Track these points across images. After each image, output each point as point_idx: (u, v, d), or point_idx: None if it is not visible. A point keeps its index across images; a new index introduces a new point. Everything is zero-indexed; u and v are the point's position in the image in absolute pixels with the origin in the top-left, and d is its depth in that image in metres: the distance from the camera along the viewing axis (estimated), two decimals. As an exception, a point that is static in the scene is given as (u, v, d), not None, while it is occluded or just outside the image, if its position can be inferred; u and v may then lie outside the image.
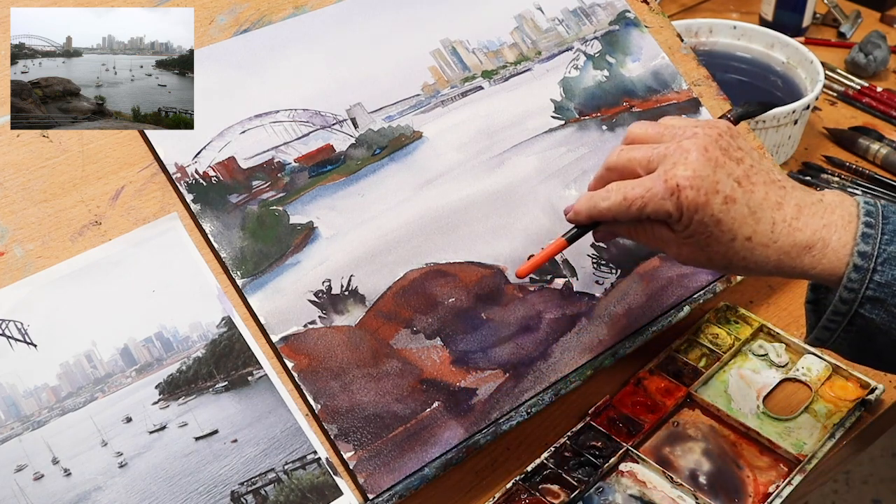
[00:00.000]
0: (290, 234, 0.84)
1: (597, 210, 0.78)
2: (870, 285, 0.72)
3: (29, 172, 0.79)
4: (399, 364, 0.82)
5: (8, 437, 0.71)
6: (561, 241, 0.81)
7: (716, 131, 0.76)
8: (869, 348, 0.75)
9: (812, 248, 0.73)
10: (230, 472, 0.75)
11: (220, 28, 0.90)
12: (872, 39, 1.43)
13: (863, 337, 0.74)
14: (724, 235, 0.73)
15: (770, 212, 0.74)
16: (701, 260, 0.76)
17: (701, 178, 0.73)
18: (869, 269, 0.71)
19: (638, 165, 0.76)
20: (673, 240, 0.76)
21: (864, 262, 0.72)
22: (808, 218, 0.74)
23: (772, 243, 0.73)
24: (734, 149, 0.75)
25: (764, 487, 0.84)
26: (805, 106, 1.19)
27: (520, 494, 0.83)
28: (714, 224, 0.73)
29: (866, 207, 0.74)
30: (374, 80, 0.93)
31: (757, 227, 0.73)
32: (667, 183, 0.73)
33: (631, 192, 0.75)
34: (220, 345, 0.78)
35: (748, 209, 0.73)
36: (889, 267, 0.71)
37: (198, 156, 0.84)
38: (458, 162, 0.93)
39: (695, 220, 0.73)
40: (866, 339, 0.74)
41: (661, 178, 0.74)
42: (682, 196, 0.73)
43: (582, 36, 1.05)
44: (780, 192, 0.75)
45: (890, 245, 0.72)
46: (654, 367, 0.94)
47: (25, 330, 0.74)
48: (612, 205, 0.76)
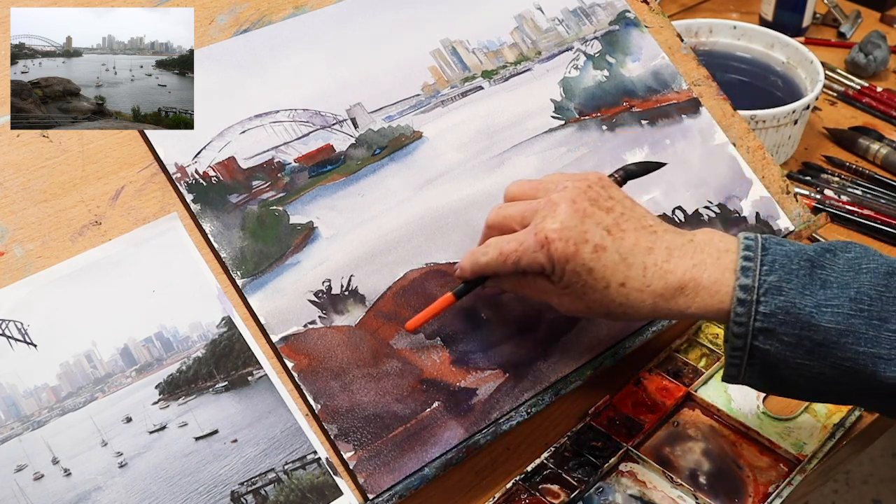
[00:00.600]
0: (290, 234, 0.84)
1: (478, 265, 0.80)
2: (756, 317, 0.73)
3: (29, 172, 0.79)
4: (399, 364, 0.82)
5: (8, 437, 0.71)
6: (449, 296, 0.82)
7: (585, 183, 0.78)
8: (777, 379, 0.75)
9: (684, 289, 0.75)
10: (230, 472, 0.75)
11: (220, 28, 0.90)
12: (872, 39, 1.43)
13: (767, 369, 0.75)
14: (597, 283, 0.76)
15: (641, 257, 0.76)
16: (581, 309, 0.78)
17: (569, 229, 0.75)
18: (752, 301, 0.73)
19: (513, 221, 0.80)
20: (553, 291, 0.78)
21: (747, 294, 0.73)
22: (678, 259, 0.76)
23: (645, 287, 0.75)
24: (604, 199, 0.78)
25: (764, 487, 0.84)
26: (805, 106, 1.19)
27: (520, 494, 0.83)
28: (586, 273, 0.75)
29: (745, 241, 0.76)
30: (374, 80, 0.93)
31: (629, 273, 0.75)
32: (537, 236, 0.76)
33: (506, 247, 0.78)
34: (220, 345, 0.78)
35: (619, 256, 0.76)
36: (772, 297, 0.73)
37: (198, 156, 0.84)
38: (458, 162, 0.93)
39: (567, 270, 0.76)
40: (771, 371, 0.75)
41: (532, 232, 0.77)
42: (552, 248, 0.75)
43: (582, 36, 1.05)
44: (651, 237, 0.77)
45: (770, 275, 0.73)
46: (654, 367, 0.94)
47: (25, 330, 0.74)
48: (490, 260, 0.79)
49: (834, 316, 0.71)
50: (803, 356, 0.73)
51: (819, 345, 0.72)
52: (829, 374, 0.73)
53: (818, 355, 0.72)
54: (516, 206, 0.80)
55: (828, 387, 0.74)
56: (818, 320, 0.71)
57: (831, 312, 0.71)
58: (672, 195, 0.99)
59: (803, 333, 0.72)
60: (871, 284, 0.72)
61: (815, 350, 0.72)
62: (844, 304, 0.71)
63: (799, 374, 0.74)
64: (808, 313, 0.72)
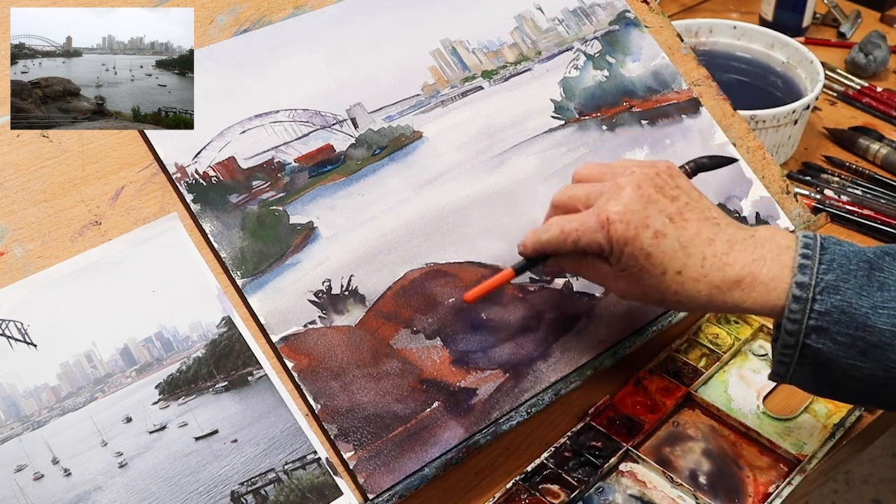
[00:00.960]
0: (290, 234, 0.84)
1: (539, 242, 0.81)
2: (811, 315, 0.73)
3: (29, 172, 0.79)
4: (399, 364, 0.82)
5: (8, 437, 0.71)
6: (509, 271, 0.83)
7: (653, 170, 0.79)
8: (828, 380, 0.75)
9: (741, 283, 0.75)
10: (230, 472, 0.75)
11: (220, 28, 0.90)
12: (872, 39, 1.43)
13: (818, 368, 0.74)
14: (654, 269, 0.76)
15: (701, 247, 0.76)
16: (636, 293, 0.79)
17: (631, 213, 0.76)
18: (808, 299, 0.73)
19: (578, 202, 0.80)
20: (611, 273, 0.79)
21: (803, 292, 0.73)
22: (738, 253, 0.76)
23: (702, 277, 0.76)
24: (670, 187, 0.78)
25: (764, 487, 0.84)
26: (805, 106, 1.19)
27: (520, 494, 0.83)
28: (644, 257, 0.76)
29: (804, 240, 0.75)
30: (374, 80, 0.93)
31: (687, 262, 0.76)
32: (598, 217, 0.77)
33: (567, 226, 0.78)
34: (220, 345, 0.78)
35: (679, 244, 0.76)
36: (828, 295, 0.72)
37: (198, 156, 0.84)
38: (458, 162, 0.93)
39: (625, 253, 0.76)
40: (822, 371, 0.74)
41: (594, 213, 0.77)
42: (612, 229, 0.76)
43: (582, 36, 1.05)
44: (714, 228, 0.77)
45: (827, 274, 0.73)
46: (654, 367, 0.94)
47: (25, 330, 0.74)
48: (551, 237, 0.79)
49: (890, 318, 0.71)
50: (856, 357, 0.72)
51: (873, 346, 0.71)
52: (881, 377, 0.72)
53: (872, 357, 0.72)
54: (582, 188, 0.80)
55: (878, 389, 0.74)
56: (874, 321, 0.71)
57: (888, 314, 0.71)
58: (672, 195, 0.98)
59: (858, 334, 0.72)
60: None
61: (868, 351, 0.72)
62: None
63: (850, 375, 0.73)
64: (864, 314, 0.71)
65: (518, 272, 0.83)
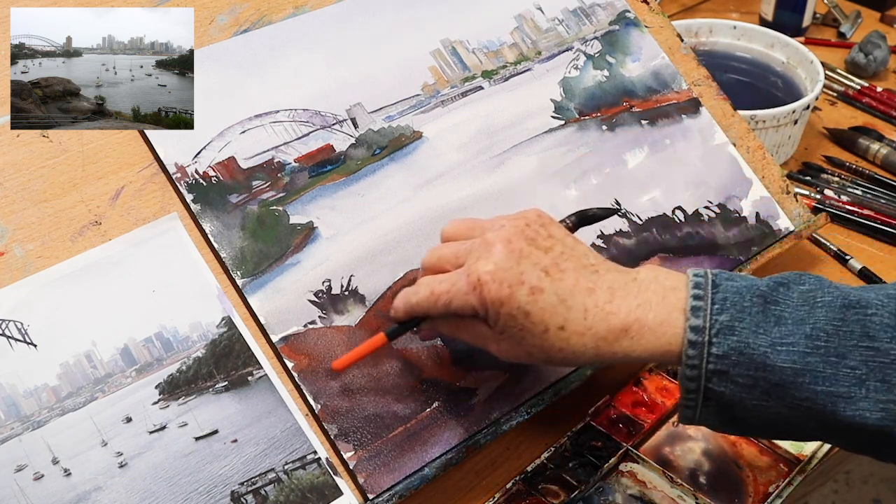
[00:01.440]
0: (290, 234, 0.84)
1: (409, 305, 0.77)
2: (709, 359, 0.69)
3: (29, 172, 0.79)
4: (399, 364, 0.82)
5: (8, 437, 0.71)
6: (381, 336, 0.78)
7: (523, 221, 0.75)
8: (736, 420, 0.72)
9: (628, 331, 0.71)
10: (230, 472, 0.75)
11: (220, 28, 0.90)
12: (872, 39, 1.43)
13: (724, 409, 0.71)
14: (535, 327, 0.72)
15: (581, 298, 0.72)
16: (521, 354, 0.74)
17: (503, 271, 0.72)
18: (704, 343, 0.69)
19: (447, 262, 0.76)
20: (491, 336, 0.74)
21: (698, 336, 0.69)
22: (620, 300, 0.72)
23: (586, 331, 0.71)
24: (543, 237, 0.74)
25: (764, 487, 0.84)
26: (805, 106, 1.19)
27: (520, 494, 0.83)
28: (523, 316, 0.72)
29: (695, 279, 0.72)
30: (374, 80, 0.93)
31: (569, 316, 0.71)
32: (469, 278, 0.73)
33: (438, 287, 0.74)
34: (220, 345, 0.78)
35: (557, 298, 0.72)
36: (724, 337, 0.69)
37: (198, 156, 0.84)
38: (458, 162, 0.93)
39: (502, 314, 0.72)
40: (728, 412, 0.70)
41: (464, 273, 0.73)
42: (485, 290, 0.72)
43: (582, 36, 1.05)
44: (593, 276, 0.73)
45: (721, 314, 0.69)
46: (654, 366, 0.94)
47: (25, 330, 0.74)
48: (420, 299, 0.75)
49: (789, 355, 0.68)
50: (759, 397, 0.69)
51: (775, 385, 0.68)
52: (787, 414, 0.69)
53: (775, 396, 0.68)
54: (450, 247, 0.77)
55: (787, 427, 0.71)
56: (773, 360, 0.68)
57: (787, 351, 0.68)
58: (672, 195, 0.99)
59: (758, 374, 0.68)
60: (826, 319, 0.68)
61: (771, 391, 0.68)
62: (800, 342, 0.68)
63: (756, 415, 0.70)
64: (762, 353, 0.68)
65: (390, 337, 0.78)
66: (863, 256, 1.10)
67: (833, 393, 0.67)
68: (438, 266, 0.77)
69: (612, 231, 0.95)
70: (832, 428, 0.69)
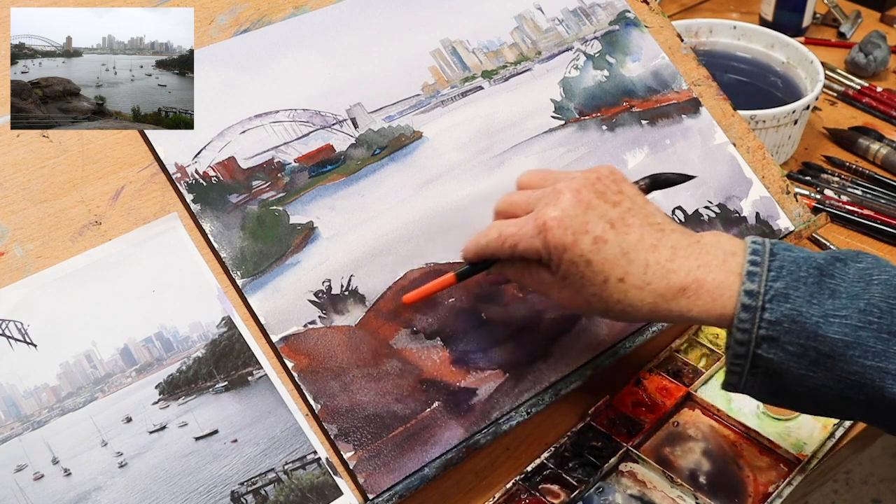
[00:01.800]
0: (290, 234, 0.84)
1: (479, 247, 0.79)
2: (761, 324, 0.70)
3: (29, 172, 0.79)
4: (399, 364, 0.82)
5: (8, 437, 0.71)
6: (451, 275, 0.81)
7: (595, 175, 0.77)
8: (780, 389, 0.73)
9: (686, 290, 0.73)
10: (230, 472, 0.75)
11: (220, 28, 0.90)
12: (872, 39, 1.43)
13: (770, 378, 0.72)
14: (595, 276, 0.73)
15: (644, 253, 0.73)
16: (580, 303, 0.76)
17: (569, 218, 0.74)
18: (757, 308, 0.70)
19: (518, 208, 0.79)
20: (553, 283, 0.76)
21: (752, 300, 0.71)
22: (682, 260, 0.73)
23: (645, 285, 0.73)
24: (612, 192, 0.76)
25: (764, 487, 0.84)
26: (805, 106, 1.19)
27: (520, 494, 0.83)
28: (584, 264, 0.73)
29: (753, 245, 0.73)
30: (374, 80, 0.93)
31: (629, 269, 0.73)
32: (535, 222, 0.75)
33: (505, 230, 0.77)
34: (220, 345, 0.79)
35: (620, 250, 0.73)
36: (777, 304, 0.70)
37: (198, 156, 0.84)
38: (458, 162, 0.93)
39: (564, 260, 0.74)
40: (774, 381, 0.72)
41: (532, 218, 0.76)
42: (549, 235, 0.74)
43: (582, 36, 1.05)
44: (658, 234, 0.74)
45: (776, 281, 0.71)
46: (654, 367, 0.94)
47: (25, 330, 0.74)
48: (489, 241, 0.78)
49: (841, 327, 0.69)
50: (807, 367, 0.70)
51: (825, 356, 0.69)
52: (833, 387, 0.70)
53: (823, 367, 0.70)
54: (523, 194, 0.79)
55: (831, 400, 0.72)
56: (825, 331, 0.69)
57: (839, 323, 0.69)
58: (672, 195, 0.98)
59: (809, 343, 0.69)
60: (881, 296, 0.69)
61: (820, 361, 0.70)
62: (853, 316, 0.69)
63: (802, 384, 0.71)
64: (814, 323, 0.69)
65: (460, 278, 0.81)
66: (863, 256, 1.10)
67: (882, 369, 0.68)
68: (510, 211, 0.80)
69: (612, 231, 0.95)
70: (877, 405, 0.70)
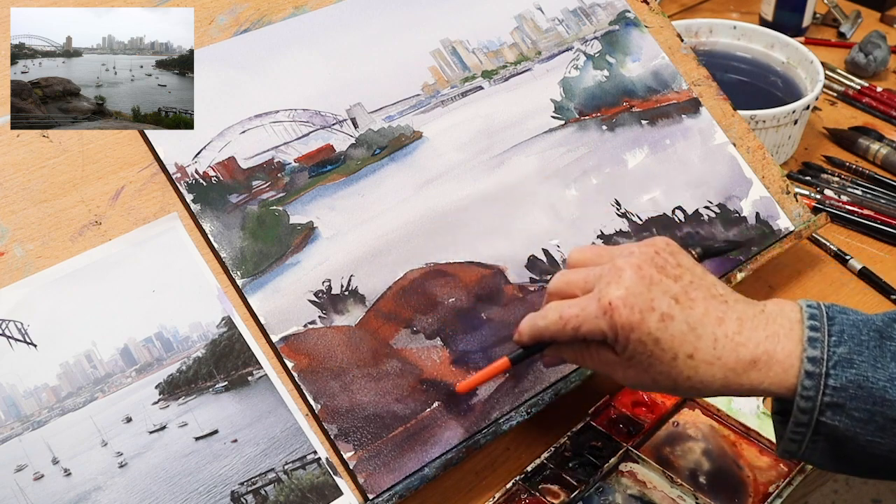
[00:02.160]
0: (290, 234, 0.84)
1: (536, 329, 0.77)
2: (825, 391, 0.69)
3: (29, 172, 0.79)
4: (399, 364, 0.82)
5: (8, 437, 0.71)
6: (504, 361, 0.79)
7: (652, 249, 0.75)
8: (844, 456, 0.72)
9: (757, 363, 0.71)
10: (230, 471, 0.75)
11: (220, 28, 0.90)
12: (872, 39, 1.43)
13: (833, 445, 0.71)
14: (664, 354, 0.71)
15: (711, 327, 0.71)
16: (647, 382, 0.74)
17: (634, 296, 0.71)
18: (822, 375, 0.69)
19: (576, 287, 0.76)
20: (618, 363, 0.74)
21: (815, 367, 0.69)
22: (750, 332, 0.72)
23: (716, 360, 0.71)
24: (672, 266, 0.74)
25: (764, 487, 0.84)
26: (805, 106, 1.19)
27: (520, 494, 0.83)
28: (653, 343, 0.71)
29: (809, 311, 0.72)
30: (374, 80, 0.93)
31: (698, 344, 0.71)
32: (600, 302, 0.72)
33: (567, 312, 0.74)
34: (220, 345, 0.78)
35: (687, 326, 0.71)
36: (842, 369, 0.69)
37: (198, 156, 0.84)
38: (458, 162, 0.93)
39: (632, 340, 0.72)
40: (837, 447, 0.71)
41: (594, 298, 0.73)
42: (616, 315, 0.71)
43: (582, 36, 1.05)
44: (722, 306, 0.73)
45: (839, 346, 0.69)
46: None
47: (25, 330, 0.74)
48: (549, 323, 0.75)
49: None
50: (874, 433, 0.68)
51: (892, 421, 0.68)
52: None
53: (891, 432, 0.68)
54: (579, 272, 0.76)
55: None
56: (892, 395, 0.67)
57: None
58: (672, 195, 0.99)
59: (875, 409, 0.68)
60: None
61: (887, 427, 0.68)
62: None
63: (868, 451, 0.69)
64: (881, 388, 0.68)
65: (514, 362, 0.79)
66: (863, 256, 1.10)
67: None
68: (567, 291, 0.77)
69: (613, 231, 0.95)
70: None
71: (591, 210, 0.95)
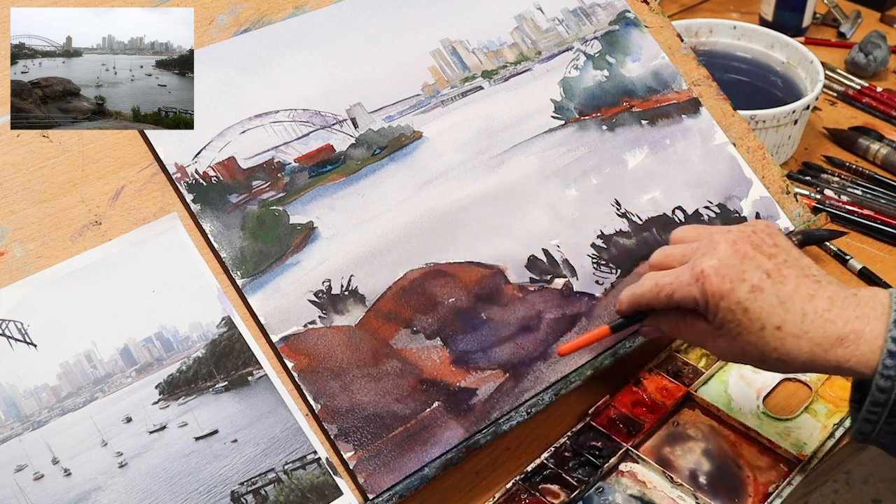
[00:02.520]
0: (290, 234, 0.84)
1: (633, 298, 0.81)
2: None
3: (29, 172, 0.79)
4: (399, 364, 0.82)
5: (8, 437, 0.71)
6: (605, 328, 0.84)
7: (750, 228, 0.78)
8: None
9: (845, 340, 0.72)
10: (230, 472, 0.75)
11: (220, 28, 0.90)
12: (872, 39, 1.42)
13: None
14: (752, 324, 0.74)
15: (801, 303, 0.73)
16: (736, 352, 0.77)
17: (727, 267, 0.75)
18: None
19: (673, 259, 0.80)
20: (709, 332, 0.77)
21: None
22: (840, 310, 0.73)
23: (803, 334, 0.73)
24: (768, 245, 0.77)
25: (764, 487, 0.84)
26: (805, 106, 1.19)
27: (520, 494, 0.83)
28: (742, 312, 0.74)
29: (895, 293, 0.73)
30: (374, 80, 0.93)
31: (786, 317, 0.73)
32: (693, 270, 0.76)
33: (661, 280, 0.79)
34: (220, 345, 0.79)
35: (777, 299, 0.73)
36: None
37: (198, 156, 0.84)
38: (458, 162, 0.93)
39: (721, 308, 0.75)
40: None
41: (689, 267, 0.77)
42: (707, 283, 0.75)
43: (582, 36, 1.05)
44: (814, 285, 0.74)
45: None
46: (654, 366, 0.94)
47: (25, 330, 0.74)
48: (645, 291, 0.80)
49: None
50: None
51: None
52: None
53: None
54: (678, 247, 0.81)
55: None
56: None
57: None
58: (672, 195, 0.99)
59: None
60: None
61: None
62: None
63: None
64: None
65: (614, 331, 0.84)
66: (863, 256, 1.10)
67: None
68: (665, 262, 0.81)
69: (613, 231, 0.95)
70: None
71: (591, 210, 0.95)
